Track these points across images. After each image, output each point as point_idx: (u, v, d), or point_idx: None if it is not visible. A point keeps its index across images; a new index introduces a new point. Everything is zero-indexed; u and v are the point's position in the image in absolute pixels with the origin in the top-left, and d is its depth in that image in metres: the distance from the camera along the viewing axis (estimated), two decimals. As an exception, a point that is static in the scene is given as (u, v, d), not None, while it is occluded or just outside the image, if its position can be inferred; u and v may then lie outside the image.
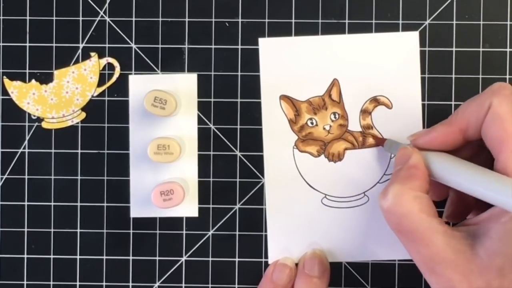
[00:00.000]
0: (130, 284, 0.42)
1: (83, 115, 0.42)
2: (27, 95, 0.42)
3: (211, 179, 0.42)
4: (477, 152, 0.36)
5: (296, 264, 0.41)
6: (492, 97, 0.32)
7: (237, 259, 0.42)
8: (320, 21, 0.41)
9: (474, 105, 0.33)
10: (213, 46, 0.42)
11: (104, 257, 0.42)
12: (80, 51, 0.42)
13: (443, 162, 0.34)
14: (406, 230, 0.32)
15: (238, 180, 0.42)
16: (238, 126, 0.42)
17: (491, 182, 0.30)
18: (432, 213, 0.32)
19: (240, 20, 0.42)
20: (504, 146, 0.31)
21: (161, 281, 0.42)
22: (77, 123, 0.42)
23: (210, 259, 0.42)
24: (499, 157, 0.31)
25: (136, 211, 0.42)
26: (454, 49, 0.41)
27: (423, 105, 0.41)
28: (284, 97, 0.41)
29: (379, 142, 0.41)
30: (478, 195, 0.31)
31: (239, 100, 0.42)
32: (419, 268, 0.33)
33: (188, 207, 0.42)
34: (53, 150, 0.42)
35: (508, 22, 0.41)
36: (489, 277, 0.30)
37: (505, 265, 0.30)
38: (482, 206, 0.33)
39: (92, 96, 0.42)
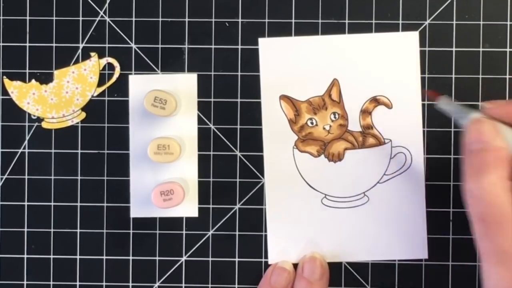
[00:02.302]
0: (130, 284, 0.42)
1: (83, 115, 0.42)
2: (27, 95, 0.42)
3: (211, 179, 0.42)
4: None
5: (296, 265, 0.41)
6: None
7: (237, 259, 0.42)
8: (320, 21, 0.41)
9: None
10: (213, 46, 0.42)
11: (104, 257, 0.42)
12: (80, 51, 0.42)
13: None
14: (491, 220, 0.31)
15: (238, 180, 0.42)
16: (238, 126, 0.42)
17: None
18: None
19: (240, 20, 0.42)
20: None
21: (161, 281, 0.42)
22: (77, 123, 0.42)
23: (210, 259, 0.42)
24: None
25: (136, 211, 0.42)
26: (454, 49, 0.41)
27: (423, 105, 0.41)
28: (284, 97, 0.41)
29: (432, 95, 0.37)
30: None
31: (239, 100, 0.42)
32: (483, 256, 0.31)
33: (188, 207, 0.42)
34: (53, 150, 0.42)
35: (508, 22, 0.41)
36: None
37: None
38: None
39: (92, 96, 0.42)
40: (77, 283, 0.42)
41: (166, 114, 0.39)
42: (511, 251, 0.30)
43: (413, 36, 0.41)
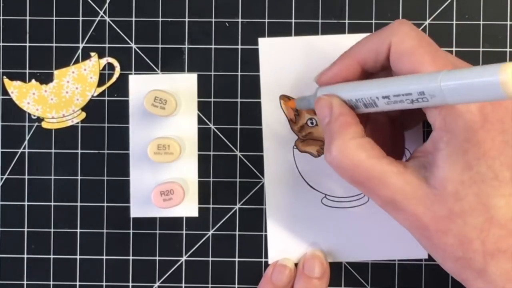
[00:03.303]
0: (130, 284, 0.42)
1: (83, 115, 0.42)
2: (27, 95, 0.42)
3: (211, 179, 0.42)
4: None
5: (296, 265, 0.41)
6: (391, 36, 0.32)
7: (237, 259, 0.42)
8: (320, 21, 0.41)
9: (372, 43, 0.33)
10: (213, 46, 0.42)
11: (104, 257, 0.42)
12: (80, 51, 0.42)
13: (358, 88, 0.33)
14: (361, 180, 0.32)
15: (238, 180, 0.42)
16: (238, 126, 0.42)
17: (416, 80, 0.29)
18: (379, 155, 0.32)
19: (240, 20, 0.42)
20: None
21: (161, 281, 0.42)
22: (77, 123, 0.42)
23: (210, 259, 0.42)
24: None
25: (136, 211, 0.42)
26: (454, 49, 0.41)
27: (423, 105, 0.41)
28: (284, 97, 0.41)
29: (290, 105, 0.40)
30: (406, 104, 0.30)
31: (239, 100, 0.42)
32: (386, 211, 0.33)
33: (188, 207, 0.42)
34: (53, 150, 0.42)
35: (508, 22, 0.41)
36: (449, 204, 0.30)
37: (458, 189, 0.30)
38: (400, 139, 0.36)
39: (92, 96, 0.42)
40: (77, 283, 0.42)
41: (166, 114, 0.39)
42: (396, 197, 0.31)
43: (413, 36, 0.41)
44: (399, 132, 0.38)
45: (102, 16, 0.42)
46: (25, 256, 0.42)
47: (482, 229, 0.30)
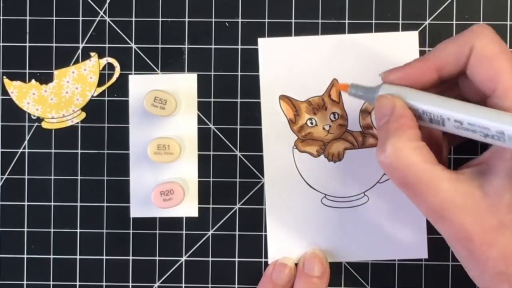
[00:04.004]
0: (130, 284, 0.42)
1: (83, 115, 0.42)
2: (27, 95, 0.42)
3: (211, 179, 0.42)
4: (445, 92, 0.35)
5: (296, 264, 0.41)
6: (474, 39, 0.32)
7: (237, 259, 0.42)
8: (320, 21, 0.41)
9: (453, 46, 0.33)
10: (213, 46, 0.42)
11: (104, 257, 0.42)
12: (80, 51, 0.42)
13: (430, 101, 0.32)
14: (412, 183, 0.31)
15: (238, 180, 0.42)
16: (238, 126, 0.42)
17: (498, 117, 0.29)
18: (433, 160, 0.32)
19: (240, 20, 0.42)
20: (498, 83, 0.31)
21: (161, 281, 0.42)
22: (77, 123, 0.42)
23: (210, 259, 0.42)
24: (493, 94, 0.31)
25: (136, 211, 0.42)
26: (454, 49, 0.41)
27: (423, 105, 0.41)
28: (284, 97, 0.41)
29: (343, 88, 0.37)
30: (477, 136, 0.30)
31: (239, 100, 0.42)
32: (428, 218, 0.32)
33: (188, 207, 0.42)
34: (53, 150, 0.42)
35: (508, 22, 0.41)
36: (500, 215, 0.30)
37: None
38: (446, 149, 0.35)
39: (92, 96, 0.42)
40: (77, 283, 0.42)
41: (166, 114, 0.39)
42: (445, 204, 0.31)
43: (413, 36, 0.41)
44: (447, 145, 0.38)
45: (102, 16, 0.42)
46: (25, 256, 0.42)
47: None
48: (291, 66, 0.41)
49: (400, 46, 0.41)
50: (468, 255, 0.31)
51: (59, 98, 0.42)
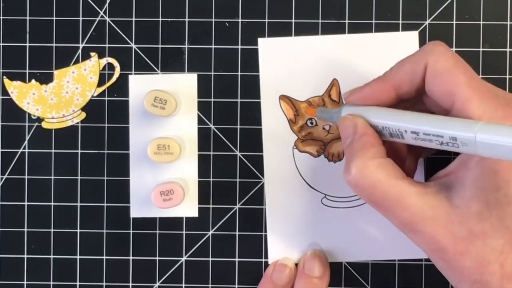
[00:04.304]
0: (130, 284, 0.42)
1: (83, 115, 0.42)
2: (27, 95, 0.42)
3: (211, 179, 0.42)
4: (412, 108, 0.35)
5: (296, 264, 0.41)
6: (427, 56, 0.32)
7: (237, 259, 0.42)
8: (320, 21, 0.41)
9: (408, 64, 0.33)
10: (213, 46, 0.42)
11: (104, 257, 0.42)
12: (80, 51, 0.42)
13: (387, 116, 0.33)
14: (379, 200, 0.32)
15: (238, 180, 0.42)
16: (238, 126, 0.42)
17: (451, 124, 0.29)
18: (399, 175, 0.32)
19: (240, 20, 0.42)
20: (454, 96, 0.31)
21: (161, 281, 0.42)
22: (77, 123, 0.42)
23: (210, 259, 0.42)
24: (452, 108, 0.31)
25: (136, 211, 0.42)
26: (454, 49, 0.41)
27: (423, 105, 0.41)
28: (284, 97, 0.41)
29: (311, 113, 0.39)
30: (434, 144, 0.30)
31: (239, 100, 0.42)
32: (402, 232, 0.32)
33: (188, 207, 0.42)
34: (53, 150, 0.42)
35: (508, 22, 0.41)
36: (470, 225, 0.30)
37: (483, 209, 0.30)
38: (413, 162, 0.36)
39: (92, 96, 0.42)
40: (77, 283, 0.42)
41: (166, 114, 0.39)
42: (415, 218, 0.31)
43: (413, 36, 0.41)
44: (414, 158, 0.38)
45: (102, 16, 0.42)
46: (25, 256, 0.42)
47: (502, 252, 0.29)
48: (291, 66, 0.41)
49: (400, 46, 0.41)
50: (444, 265, 0.31)
51: (59, 98, 0.42)
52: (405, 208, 0.31)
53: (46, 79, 0.42)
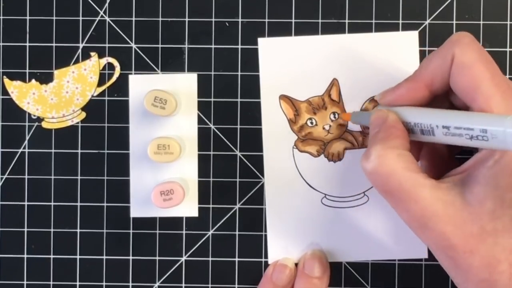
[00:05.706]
0: (130, 284, 0.42)
1: (83, 115, 0.42)
2: (27, 95, 0.42)
3: (211, 179, 0.42)
4: (444, 106, 0.36)
5: (296, 264, 0.41)
6: (453, 48, 0.32)
7: (237, 259, 0.42)
8: (320, 21, 0.41)
9: (436, 59, 0.33)
10: (213, 46, 0.42)
11: (104, 257, 0.42)
12: (80, 51, 0.42)
13: (419, 114, 0.33)
14: (393, 190, 0.32)
15: (238, 180, 0.42)
16: (238, 126, 0.42)
17: (481, 118, 0.29)
18: (416, 169, 0.32)
19: (240, 20, 0.42)
20: (477, 91, 0.31)
21: (161, 281, 0.42)
22: (77, 123, 0.42)
23: (210, 259, 0.42)
24: (474, 104, 0.31)
25: (136, 211, 0.42)
26: (454, 49, 0.41)
27: (423, 105, 0.41)
28: (284, 97, 0.41)
29: (346, 117, 0.40)
30: (464, 140, 0.30)
31: (239, 100, 0.42)
32: (410, 227, 0.32)
33: (188, 207, 0.42)
34: (53, 150, 0.42)
35: (508, 22, 0.41)
36: (482, 222, 0.30)
37: (496, 208, 0.30)
38: (452, 163, 0.34)
39: (92, 96, 0.42)
40: (77, 283, 0.42)
41: (166, 114, 0.39)
42: (426, 213, 0.31)
43: (413, 36, 0.41)
44: (453, 157, 0.38)
45: (102, 16, 0.42)
46: (25, 256, 0.42)
47: None
48: (291, 66, 0.41)
49: (400, 46, 0.41)
50: (451, 263, 0.31)
51: (59, 98, 0.42)
52: (416, 201, 0.31)
53: (46, 79, 0.42)
